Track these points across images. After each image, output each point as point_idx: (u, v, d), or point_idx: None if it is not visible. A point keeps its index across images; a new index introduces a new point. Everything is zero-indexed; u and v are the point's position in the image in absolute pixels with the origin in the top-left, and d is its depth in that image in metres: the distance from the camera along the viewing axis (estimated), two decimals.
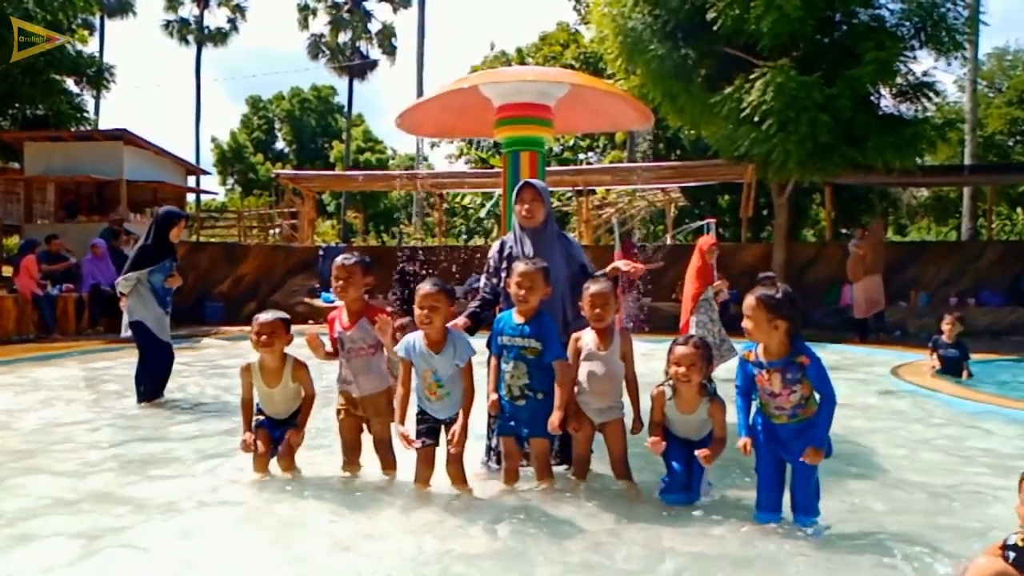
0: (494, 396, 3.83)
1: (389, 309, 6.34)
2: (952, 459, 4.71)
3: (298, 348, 4.09)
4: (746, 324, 3.28)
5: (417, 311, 3.65)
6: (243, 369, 4.07)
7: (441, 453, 3.79)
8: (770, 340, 3.26)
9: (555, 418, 3.65)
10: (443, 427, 3.76)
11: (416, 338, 3.74)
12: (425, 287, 3.65)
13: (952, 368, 8.11)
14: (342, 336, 3.93)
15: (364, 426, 4.10)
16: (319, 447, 4.49)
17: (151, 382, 6.40)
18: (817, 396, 3.29)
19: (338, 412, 4.08)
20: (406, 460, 3.90)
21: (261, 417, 4.08)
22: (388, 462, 4.01)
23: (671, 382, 3.62)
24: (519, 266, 3.74)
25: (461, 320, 4.01)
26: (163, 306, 6.44)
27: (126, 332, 6.56)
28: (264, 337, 3.94)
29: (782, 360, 3.25)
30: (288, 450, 4.05)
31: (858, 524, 3.44)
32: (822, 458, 3.24)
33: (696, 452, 3.50)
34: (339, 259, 3.92)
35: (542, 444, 3.83)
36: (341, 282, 3.88)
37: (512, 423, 3.81)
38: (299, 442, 4.05)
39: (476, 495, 3.68)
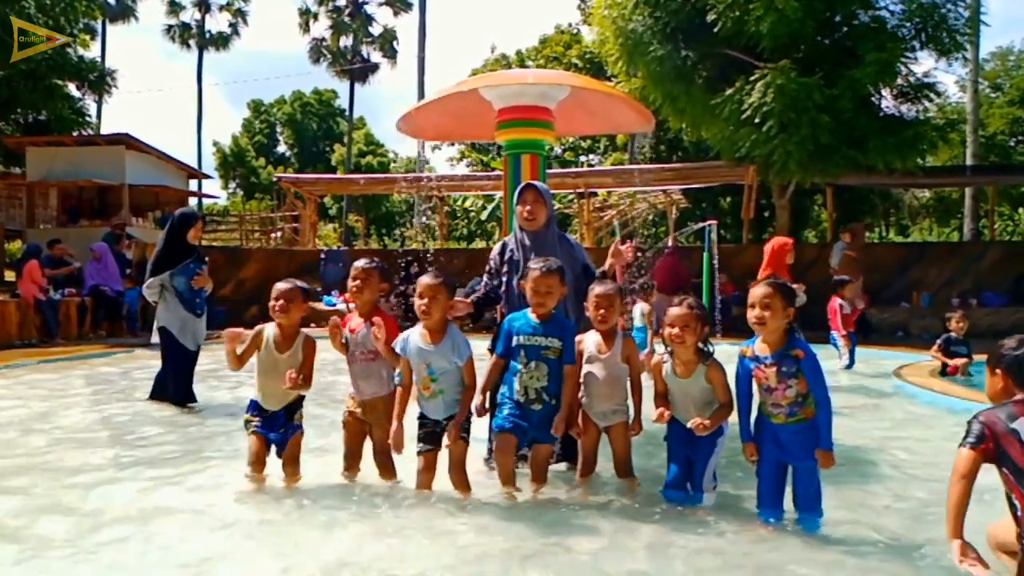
0: (480, 398, 3.75)
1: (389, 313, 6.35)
2: (952, 459, 4.69)
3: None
4: (761, 313, 3.27)
5: (417, 302, 3.68)
6: (256, 331, 4.01)
7: (443, 459, 3.76)
8: (778, 329, 3.29)
9: (559, 420, 3.65)
10: (444, 432, 3.73)
11: (412, 333, 3.74)
12: (425, 279, 3.68)
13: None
14: (349, 338, 3.95)
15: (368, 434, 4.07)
16: (317, 449, 4.48)
17: (178, 388, 6.27)
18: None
19: (344, 415, 4.07)
20: (408, 464, 3.88)
21: (256, 421, 3.99)
22: (388, 470, 3.97)
23: (669, 349, 3.60)
24: (535, 271, 3.66)
25: (465, 301, 4.01)
26: (191, 309, 6.29)
27: (154, 338, 6.37)
28: (281, 302, 3.94)
29: (778, 353, 3.28)
30: (292, 454, 4.01)
31: (860, 525, 3.43)
32: (833, 462, 3.25)
33: (690, 423, 3.44)
34: (359, 261, 3.97)
35: (546, 450, 3.81)
36: (358, 282, 3.91)
37: (519, 423, 3.69)
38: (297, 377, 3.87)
39: (477, 499, 3.67)
